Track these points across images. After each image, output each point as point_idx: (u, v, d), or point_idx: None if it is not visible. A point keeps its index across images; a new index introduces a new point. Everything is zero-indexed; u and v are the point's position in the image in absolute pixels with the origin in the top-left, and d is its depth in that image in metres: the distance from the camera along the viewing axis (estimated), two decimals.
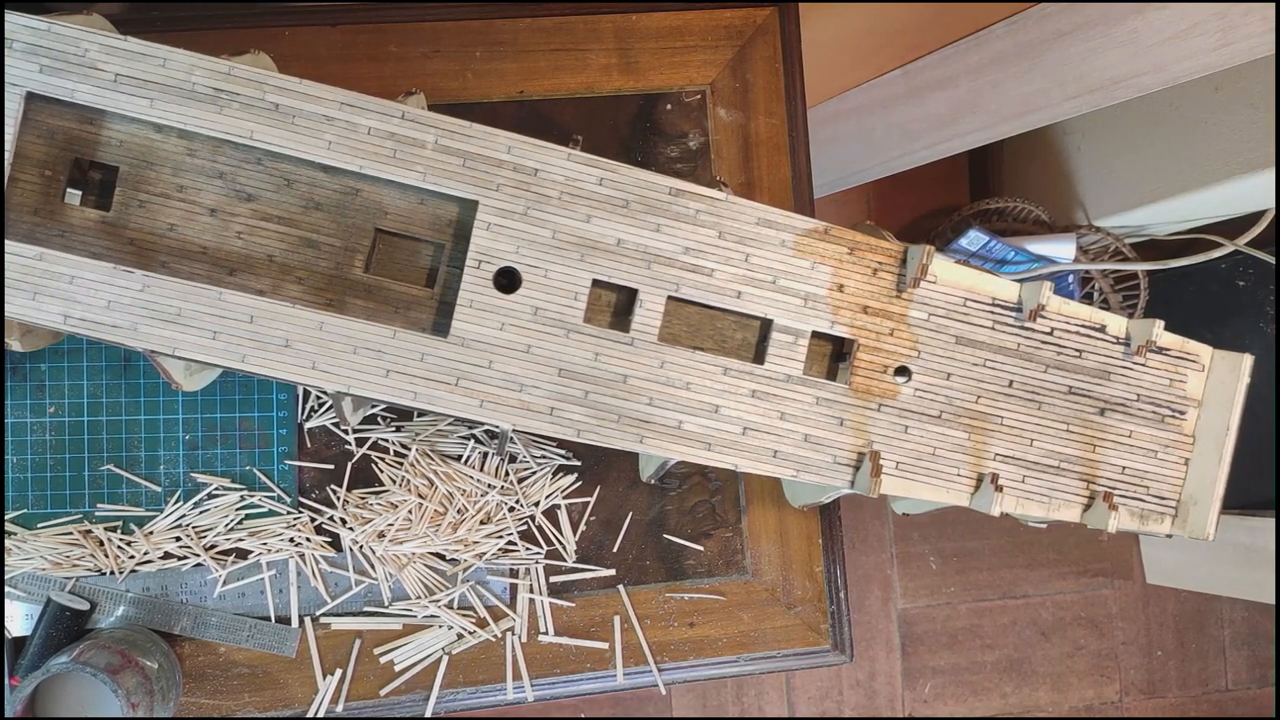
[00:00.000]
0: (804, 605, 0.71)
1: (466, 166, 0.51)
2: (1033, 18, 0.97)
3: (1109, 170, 1.39)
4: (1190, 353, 0.58)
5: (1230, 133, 1.16)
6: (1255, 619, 1.77)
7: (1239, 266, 1.46)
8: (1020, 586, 1.73)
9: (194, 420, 0.67)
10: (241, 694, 0.66)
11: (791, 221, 0.54)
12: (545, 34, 0.71)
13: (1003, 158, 1.67)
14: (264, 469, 0.67)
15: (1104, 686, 1.74)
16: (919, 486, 0.56)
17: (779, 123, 0.73)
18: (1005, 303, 0.56)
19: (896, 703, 1.69)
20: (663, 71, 0.72)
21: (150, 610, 0.65)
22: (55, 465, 0.66)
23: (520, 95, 0.71)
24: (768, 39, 0.73)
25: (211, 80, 0.50)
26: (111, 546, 0.65)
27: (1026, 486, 0.57)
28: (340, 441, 0.68)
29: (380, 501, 0.67)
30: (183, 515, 0.66)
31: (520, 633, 0.68)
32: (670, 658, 0.69)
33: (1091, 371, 0.57)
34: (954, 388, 0.56)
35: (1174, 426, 0.58)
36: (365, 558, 0.67)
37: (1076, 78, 0.97)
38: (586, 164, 0.52)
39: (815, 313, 0.55)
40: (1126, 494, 0.58)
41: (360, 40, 0.69)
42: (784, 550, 0.71)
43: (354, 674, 0.67)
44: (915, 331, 0.56)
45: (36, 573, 0.64)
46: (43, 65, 0.49)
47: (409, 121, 0.51)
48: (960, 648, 1.71)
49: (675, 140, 0.72)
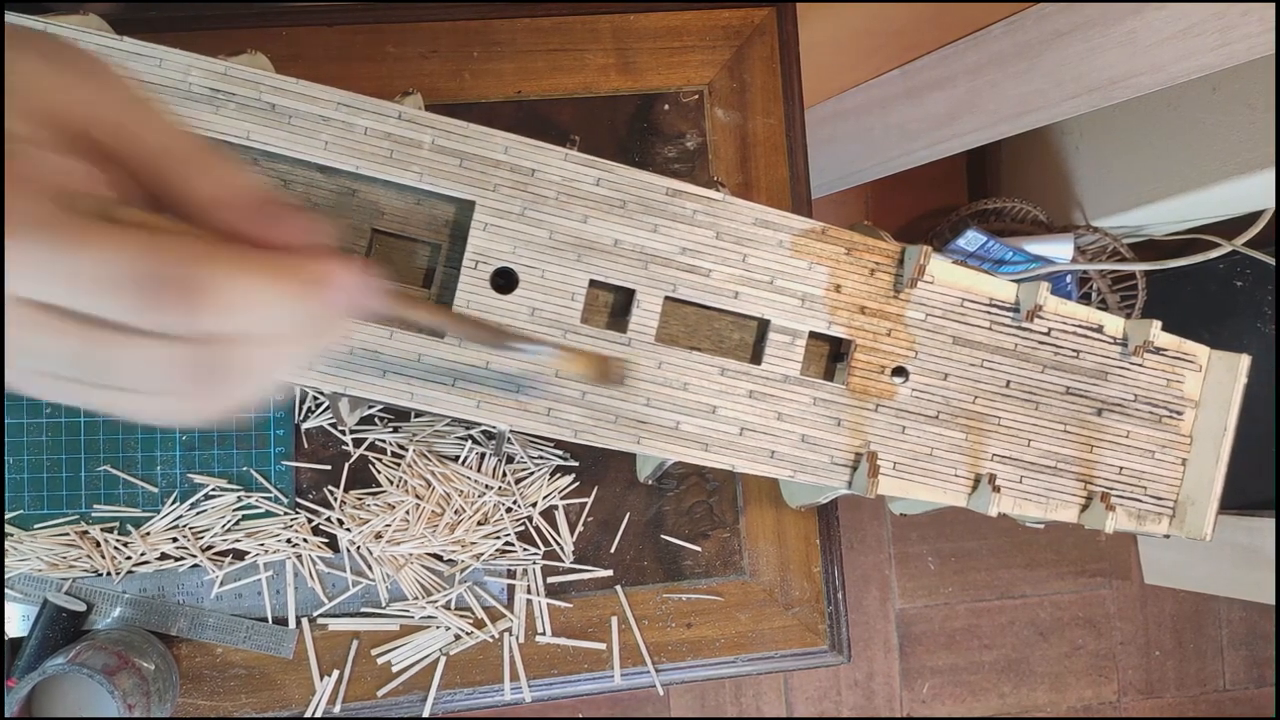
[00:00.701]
0: (802, 606, 0.71)
1: (463, 167, 0.51)
2: (1031, 18, 0.97)
3: (1107, 170, 1.40)
4: (1187, 353, 0.58)
5: (1228, 133, 1.17)
6: (1253, 619, 1.78)
7: (1237, 267, 1.46)
8: (1018, 587, 1.73)
9: None
10: (238, 695, 0.66)
11: (789, 222, 0.54)
12: (543, 34, 0.71)
13: (1001, 158, 1.67)
14: (261, 470, 0.67)
15: (1102, 686, 1.74)
16: (916, 487, 0.56)
17: (777, 123, 0.73)
18: (1002, 303, 0.56)
19: (894, 703, 1.69)
20: (660, 72, 0.72)
21: (147, 611, 0.65)
22: (52, 466, 0.66)
23: (518, 95, 0.71)
24: (765, 39, 0.73)
25: (208, 80, 0.49)
26: (108, 547, 0.65)
27: (1024, 487, 0.57)
28: (337, 442, 0.68)
29: (377, 502, 0.67)
30: (179, 516, 0.66)
31: (517, 633, 0.68)
32: (668, 658, 0.69)
33: (1089, 372, 0.57)
34: (951, 388, 0.56)
35: (1171, 427, 0.58)
36: (362, 558, 0.67)
37: (1075, 78, 0.97)
38: (584, 164, 0.52)
39: (812, 313, 0.55)
40: (1124, 494, 0.58)
41: (357, 40, 0.69)
42: (782, 551, 0.71)
43: (351, 675, 0.67)
44: (912, 332, 0.56)
45: (33, 574, 0.64)
46: None
47: (406, 122, 0.51)
48: (958, 648, 1.71)
49: (673, 141, 0.72)
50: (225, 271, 0.25)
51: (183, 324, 0.25)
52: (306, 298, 0.26)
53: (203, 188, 0.27)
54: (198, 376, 0.26)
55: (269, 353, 0.27)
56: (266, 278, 0.26)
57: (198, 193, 0.27)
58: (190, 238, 0.26)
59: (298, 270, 0.26)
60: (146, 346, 0.25)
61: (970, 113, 1.09)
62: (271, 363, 0.28)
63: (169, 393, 0.27)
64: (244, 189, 0.28)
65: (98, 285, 0.24)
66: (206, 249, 0.25)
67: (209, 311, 0.25)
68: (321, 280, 0.27)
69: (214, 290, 0.25)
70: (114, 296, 0.24)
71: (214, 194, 0.27)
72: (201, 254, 0.25)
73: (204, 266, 0.25)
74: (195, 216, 0.27)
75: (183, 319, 0.25)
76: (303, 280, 0.26)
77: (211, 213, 0.27)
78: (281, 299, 0.26)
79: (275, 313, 0.26)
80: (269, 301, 0.26)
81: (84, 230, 0.24)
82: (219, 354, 0.26)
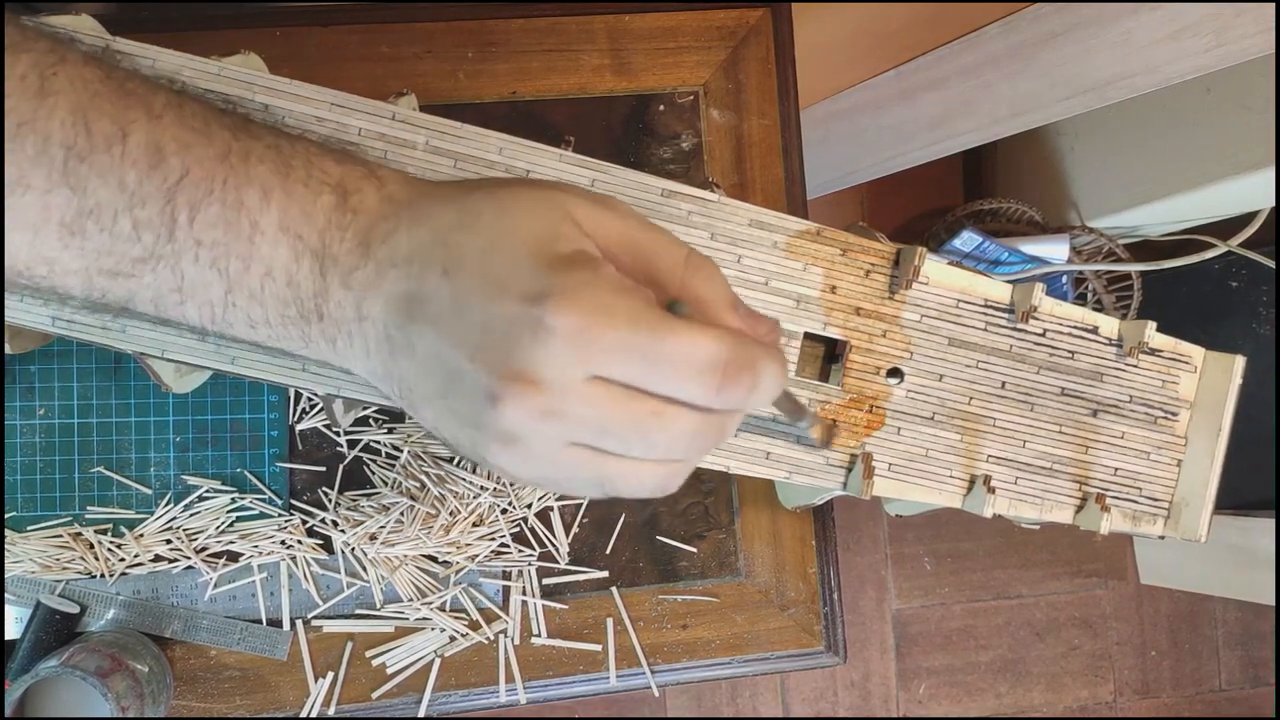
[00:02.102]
0: (797, 607, 0.71)
1: (457, 168, 0.51)
2: (1026, 19, 0.97)
3: (1102, 171, 1.40)
4: (1182, 354, 0.58)
5: (1223, 134, 1.17)
6: (1248, 619, 1.78)
7: (1232, 267, 1.47)
8: (1014, 587, 1.73)
9: (184, 422, 0.66)
10: (233, 697, 0.66)
11: (784, 223, 0.54)
12: (538, 35, 0.71)
13: (996, 159, 1.67)
14: (255, 471, 0.67)
15: (1098, 687, 1.75)
16: (911, 488, 0.56)
17: (772, 124, 0.73)
18: (998, 304, 0.56)
19: (891, 703, 1.69)
20: (655, 72, 0.72)
21: (141, 613, 0.65)
22: (45, 468, 0.65)
23: (512, 96, 0.70)
24: (760, 40, 0.73)
25: (201, 81, 0.49)
26: (102, 549, 0.65)
27: (1019, 488, 0.57)
28: (332, 443, 0.68)
29: (372, 504, 0.67)
30: (173, 518, 0.66)
31: (513, 635, 0.68)
32: (663, 659, 0.69)
33: (1084, 373, 0.57)
34: (946, 389, 0.56)
35: (1166, 428, 0.58)
36: (357, 560, 0.67)
37: (1069, 79, 0.97)
38: (578, 165, 0.52)
39: (808, 314, 0.55)
40: (1119, 495, 0.58)
41: (352, 41, 0.69)
42: (777, 552, 0.71)
43: (346, 677, 0.66)
44: (908, 333, 0.56)
45: (26, 576, 0.64)
46: None
47: (399, 122, 0.51)
48: (955, 648, 1.71)
49: (668, 141, 0.72)
50: (765, 360, 0.32)
51: (740, 402, 0.32)
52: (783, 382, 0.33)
53: (704, 290, 0.34)
54: (708, 444, 0.33)
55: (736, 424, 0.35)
56: (782, 366, 0.33)
57: (700, 294, 0.34)
58: (748, 335, 0.33)
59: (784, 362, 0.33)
60: (690, 418, 0.32)
61: (965, 114, 1.09)
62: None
63: (682, 459, 0.33)
64: (728, 291, 0.35)
65: (687, 368, 0.30)
66: (757, 347, 0.32)
67: (760, 392, 0.32)
68: (784, 370, 0.33)
69: (764, 375, 0.32)
70: (698, 377, 0.31)
71: (713, 296, 0.34)
72: (757, 345, 0.32)
73: (761, 356, 0.32)
74: (700, 313, 0.34)
75: (743, 398, 0.31)
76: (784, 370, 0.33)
77: (712, 311, 0.34)
78: (781, 384, 0.33)
79: (774, 394, 0.33)
80: (779, 386, 0.33)
81: (674, 323, 0.30)
82: (727, 425, 0.33)
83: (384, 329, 0.34)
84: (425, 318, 0.33)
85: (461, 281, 0.32)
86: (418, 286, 0.33)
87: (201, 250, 0.34)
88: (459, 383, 0.32)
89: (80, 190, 0.33)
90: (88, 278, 0.35)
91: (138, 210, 0.33)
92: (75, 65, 0.33)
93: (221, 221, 0.34)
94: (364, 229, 0.35)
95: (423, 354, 0.33)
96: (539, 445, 0.32)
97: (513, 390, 0.30)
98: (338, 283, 0.35)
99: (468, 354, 0.31)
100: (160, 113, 0.34)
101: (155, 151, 0.33)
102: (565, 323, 0.30)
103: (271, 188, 0.34)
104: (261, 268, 0.35)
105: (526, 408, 0.31)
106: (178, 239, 0.34)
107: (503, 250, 0.32)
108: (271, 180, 0.34)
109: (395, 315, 0.34)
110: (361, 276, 0.34)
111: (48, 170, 0.32)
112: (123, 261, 0.34)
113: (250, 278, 0.35)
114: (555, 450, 0.32)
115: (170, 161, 0.34)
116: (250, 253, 0.34)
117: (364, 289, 0.34)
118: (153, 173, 0.33)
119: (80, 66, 0.34)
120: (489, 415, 0.31)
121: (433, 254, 0.33)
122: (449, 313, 0.32)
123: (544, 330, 0.30)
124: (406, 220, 0.34)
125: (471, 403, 0.32)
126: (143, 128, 0.33)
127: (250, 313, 0.36)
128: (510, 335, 0.30)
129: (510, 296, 0.31)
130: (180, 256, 0.34)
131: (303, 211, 0.35)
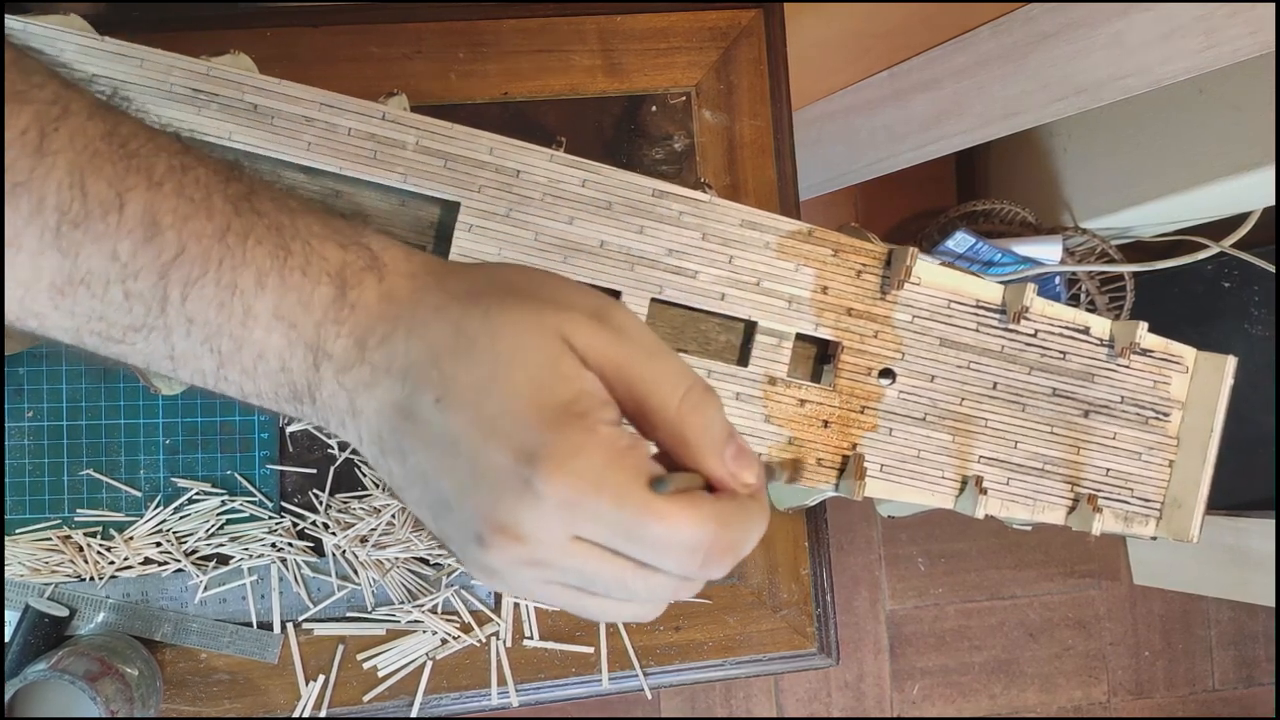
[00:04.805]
0: (790, 608, 0.71)
1: (448, 168, 0.51)
2: (1018, 20, 0.97)
3: (1095, 172, 1.40)
4: (1174, 354, 0.58)
5: (1215, 135, 1.17)
6: (1241, 619, 1.78)
7: (1224, 268, 1.47)
8: (1008, 588, 1.73)
9: (174, 424, 0.66)
10: (222, 700, 0.65)
11: (775, 223, 0.54)
12: (529, 35, 0.71)
13: (989, 160, 1.67)
14: (245, 473, 0.66)
15: (1092, 687, 1.75)
16: (903, 489, 0.55)
17: (764, 125, 0.72)
18: (989, 305, 0.56)
19: (885, 704, 1.69)
20: (647, 73, 0.72)
21: (130, 616, 0.64)
22: (34, 470, 0.65)
23: (504, 97, 0.70)
24: (753, 41, 0.73)
25: (190, 80, 0.49)
26: (91, 552, 0.64)
27: (1011, 489, 0.57)
28: (322, 445, 0.67)
29: (363, 506, 0.67)
30: (163, 520, 0.65)
31: (505, 637, 0.68)
32: (656, 662, 0.69)
33: (1075, 373, 0.57)
34: (938, 390, 0.56)
35: (1158, 428, 0.58)
36: (348, 563, 0.66)
37: (1061, 80, 0.97)
38: (569, 165, 0.52)
39: (799, 315, 0.54)
40: (1111, 496, 0.58)
41: (342, 41, 0.69)
42: (770, 553, 0.71)
43: (337, 680, 0.66)
44: (899, 334, 0.55)
45: (15, 579, 0.63)
46: None
47: (389, 122, 0.50)
48: (948, 649, 1.71)
49: (660, 142, 0.72)
50: (746, 538, 0.33)
51: (721, 573, 0.33)
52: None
53: (693, 433, 0.34)
54: (689, 593, 0.34)
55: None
56: (764, 519, 0.34)
57: (688, 436, 0.34)
58: (733, 506, 0.33)
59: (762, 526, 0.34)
60: (665, 579, 0.33)
61: (957, 115, 1.10)
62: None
63: (655, 604, 0.35)
64: (720, 432, 0.34)
65: (669, 550, 0.32)
66: (744, 519, 0.33)
67: (735, 563, 0.33)
68: (765, 524, 0.35)
69: (745, 549, 0.33)
70: (681, 558, 0.32)
71: (699, 441, 0.34)
72: (739, 524, 0.33)
73: (741, 540, 0.33)
74: (685, 454, 0.34)
75: (724, 572, 0.33)
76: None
77: (696, 456, 0.34)
78: (759, 535, 0.34)
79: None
80: (756, 541, 0.34)
81: (659, 507, 0.31)
82: (699, 581, 0.34)
83: (376, 429, 0.34)
84: (417, 437, 0.32)
85: (454, 417, 0.31)
86: (411, 404, 0.32)
87: (194, 328, 0.34)
88: (447, 511, 0.32)
89: (72, 256, 0.32)
90: (78, 336, 0.34)
91: (130, 283, 0.33)
92: (78, 119, 0.32)
93: (215, 303, 0.33)
94: (361, 327, 0.34)
95: (413, 467, 0.33)
96: (522, 582, 0.33)
97: (498, 540, 0.31)
98: (331, 377, 0.34)
99: (456, 490, 0.32)
100: (161, 179, 0.33)
101: (152, 224, 0.32)
102: (554, 492, 0.30)
103: (268, 272, 0.34)
104: (254, 350, 0.34)
105: (510, 556, 0.31)
106: (169, 314, 0.33)
107: (496, 392, 0.31)
108: (268, 265, 0.34)
109: (388, 420, 0.33)
110: (355, 376, 0.34)
111: (40, 232, 0.31)
112: (114, 328, 0.33)
113: (243, 357, 0.34)
114: (537, 586, 0.33)
115: (166, 235, 0.33)
116: (243, 335, 0.34)
117: (357, 388, 0.34)
118: (147, 246, 0.32)
119: (83, 120, 0.32)
120: (474, 552, 0.32)
121: (427, 376, 0.32)
122: (440, 443, 0.32)
123: (531, 494, 0.30)
124: (404, 328, 0.33)
125: (458, 532, 0.32)
126: (141, 196, 0.32)
127: (243, 386, 0.35)
128: (499, 487, 0.31)
129: (502, 447, 0.31)
130: (171, 330, 0.34)
131: (299, 301, 0.34)
